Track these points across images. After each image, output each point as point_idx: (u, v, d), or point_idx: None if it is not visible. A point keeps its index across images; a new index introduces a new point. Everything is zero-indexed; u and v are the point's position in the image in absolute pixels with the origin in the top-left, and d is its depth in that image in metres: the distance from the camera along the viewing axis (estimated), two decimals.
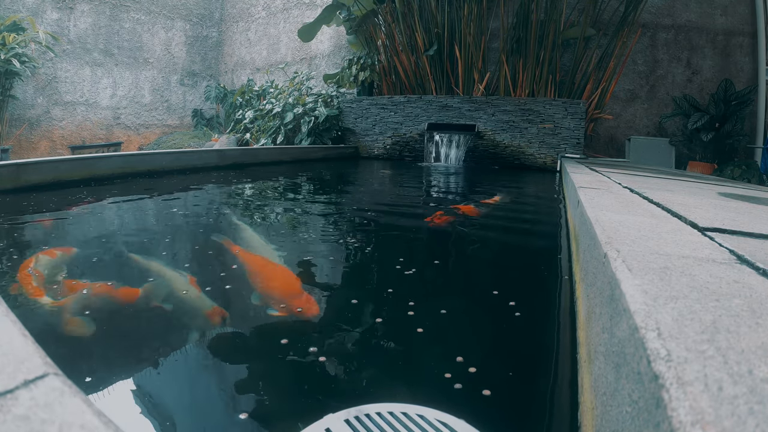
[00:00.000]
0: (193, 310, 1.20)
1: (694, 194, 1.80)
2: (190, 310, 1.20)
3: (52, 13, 8.93)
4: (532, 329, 1.17)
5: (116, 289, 1.30)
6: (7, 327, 0.46)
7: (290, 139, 6.86)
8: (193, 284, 1.34)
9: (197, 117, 11.08)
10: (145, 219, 2.41)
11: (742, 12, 6.31)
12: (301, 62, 9.90)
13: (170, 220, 2.34)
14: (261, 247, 1.84)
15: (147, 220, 2.37)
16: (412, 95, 6.86)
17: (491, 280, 1.64)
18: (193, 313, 1.18)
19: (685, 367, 0.36)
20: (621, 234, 0.86)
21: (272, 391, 0.86)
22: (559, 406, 0.82)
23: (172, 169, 4.08)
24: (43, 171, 3.04)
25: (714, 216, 1.18)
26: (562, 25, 6.29)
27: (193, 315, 1.17)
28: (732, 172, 5.48)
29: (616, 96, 6.66)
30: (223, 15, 11.78)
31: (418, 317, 1.19)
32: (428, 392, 0.83)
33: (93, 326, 1.07)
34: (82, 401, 0.34)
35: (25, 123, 8.72)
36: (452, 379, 0.87)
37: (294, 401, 0.82)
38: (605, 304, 0.65)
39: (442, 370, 0.90)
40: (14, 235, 1.94)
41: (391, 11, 7.02)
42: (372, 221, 2.55)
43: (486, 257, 1.96)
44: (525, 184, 4.82)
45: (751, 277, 0.63)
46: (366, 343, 1.07)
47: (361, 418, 0.70)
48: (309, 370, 0.90)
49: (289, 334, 1.07)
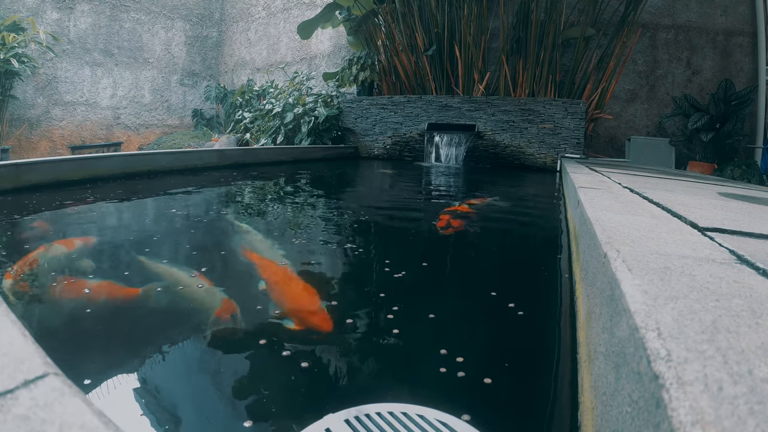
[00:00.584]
0: (203, 307, 1.20)
1: (694, 194, 1.80)
2: (198, 307, 1.20)
3: (52, 13, 8.93)
4: (532, 329, 1.17)
5: (120, 287, 1.30)
6: (7, 327, 0.46)
7: (290, 139, 6.86)
8: (203, 278, 1.35)
9: (197, 117, 11.09)
10: (144, 219, 2.41)
11: (742, 12, 6.31)
12: (301, 62, 9.90)
13: (169, 221, 2.34)
14: (266, 249, 1.84)
15: (145, 221, 2.37)
16: (412, 95, 6.86)
17: (491, 280, 1.64)
18: (202, 310, 1.18)
19: (685, 367, 0.36)
20: (621, 234, 0.86)
21: (273, 390, 0.86)
22: (559, 406, 0.82)
23: (172, 169, 4.08)
24: (43, 171, 3.04)
25: (714, 216, 1.18)
26: (562, 25, 6.29)
27: (202, 311, 1.18)
28: (732, 172, 5.48)
29: (616, 96, 6.66)
30: (223, 15, 11.78)
31: (417, 317, 1.19)
32: (428, 392, 0.83)
33: (95, 323, 1.07)
34: (82, 401, 0.34)
35: (25, 123, 8.72)
36: (452, 379, 0.87)
37: (294, 401, 0.82)
38: (605, 304, 0.65)
39: (443, 370, 0.90)
40: (15, 235, 1.94)
41: (391, 11, 7.02)
42: (371, 222, 2.55)
43: (485, 257, 1.96)
44: (525, 183, 4.82)
45: (751, 277, 0.63)
46: (366, 343, 1.07)
47: (361, 418, 0.70)
48: (310, 370, 0.90)
49: (292, 336, 1.07)
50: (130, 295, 1.26)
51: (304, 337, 1.06)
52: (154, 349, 0.99)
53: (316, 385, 0.86)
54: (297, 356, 0.95)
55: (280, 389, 0.86)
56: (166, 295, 1.27)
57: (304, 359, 0.93)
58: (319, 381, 0.87)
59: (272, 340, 1.02)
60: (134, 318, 1.16)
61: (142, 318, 1.16)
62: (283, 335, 1.05)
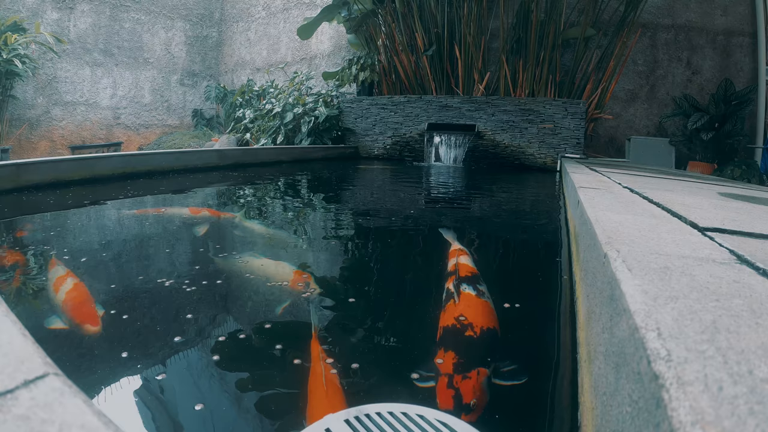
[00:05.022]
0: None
1: (694, 194, 1.80)
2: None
3: (52, 13, 8.93)
4: (533, 329, 1.17)
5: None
6: (7, 327, 0.46)
7: (290, 139, 6.86)
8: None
9: (197, 117, 11.08)
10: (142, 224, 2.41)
11: (742, 12, 6.31)
12: (301, 62, 9.90)
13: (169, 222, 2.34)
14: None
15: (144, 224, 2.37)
16: (412, 95, 6.85)
17: (491, 280, 1.64)
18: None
19: (685, 367, 0.36)
20: (621, 234, 0.86)
21: (274, 390, 0.86)
22: (559, 406, 0.82)
23: (172, 169, 4.08)
24: (43, 171, 3.04)
25: (714, 216, 1.18)
26: (562, 25, 6.29)
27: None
28: (732, 172, 5.48)
29: (616, 96, 6.66)
30: (223, 15, 11.77)
31: (416, 317, 1.19)
32: (428, 392, 0.83)
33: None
34: (83, 401, 0.34)
35: (25, 123, 8.72)
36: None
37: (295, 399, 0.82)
38: (605, 304, 0.65)
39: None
40: (14, 235, 1.94)
41: (391, 11, 7.02)
42: (371, 223, 2.55)
43: (485, 258, 1.96)
44: (525, 183, 4.81)
45: (751, 277, 0.63)
46: (367, 343, 1.07)
47: (361, 418, 0.70)
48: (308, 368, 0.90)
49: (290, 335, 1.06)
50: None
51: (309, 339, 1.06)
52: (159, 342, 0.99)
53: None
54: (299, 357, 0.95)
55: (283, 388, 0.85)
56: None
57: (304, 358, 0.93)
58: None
59: (270, 343, 1.02)
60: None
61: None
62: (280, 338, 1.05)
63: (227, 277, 1.47)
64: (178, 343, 1.01)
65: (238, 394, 0.84)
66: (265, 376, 0.91)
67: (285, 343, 1.02)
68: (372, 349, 1.04)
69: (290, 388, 0.86)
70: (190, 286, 1.33)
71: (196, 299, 1.25)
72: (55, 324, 1.06)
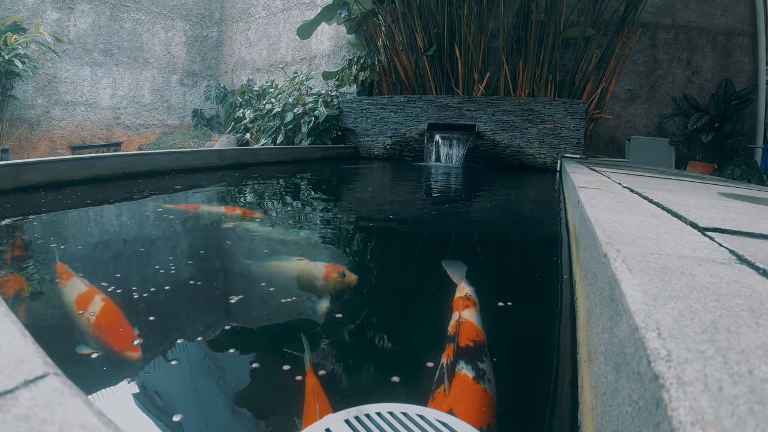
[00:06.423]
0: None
1: (694, 194, 1.80)
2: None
3: (52, 13, 8.92)
4: (533, 329, 1.17)
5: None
6: (7, 327, 0.46)
7: (290, 139, 6.86)
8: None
9: (197, 117, 11.08)
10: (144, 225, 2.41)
11: (742, 12, 6.31)
12: (301, 62, 9.90)
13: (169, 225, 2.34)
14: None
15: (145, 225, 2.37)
16: (412, 95, 6.85)
17: (491, 279, 1.64)
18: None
19: (685, 367, 0.36)
20: (621, 234, 0.86)
21: (275, 388, 0.86)
22: (559, 406, 0.82)
23: (172, 169, 4.08)
24: (43, 171, 3.04)
25: (714, 216, 1.18)
26: (562, 25, 6.28)
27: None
28: (732, 172, 5.48)
29: (616, 96, 6.66)
30: (223, 15, 11.77)
31: (416, 317, 1.19)
32: (428, 392, 0.83)
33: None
34: (83, 401, 0.34)
35: (25, 123, 8.72)
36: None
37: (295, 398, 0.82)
38: (605, 304, 0.65)
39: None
40: (16, 234, 1.94)
41: (391, 11, 7.02)
42: (371, 224, 2.54)
43: (485, 257, 1.96)
44: (524, 183, 4.81)
45: (751, 277, 0.63)
46: (367, 343, 1.07)
47: (361, 418, 0.70)
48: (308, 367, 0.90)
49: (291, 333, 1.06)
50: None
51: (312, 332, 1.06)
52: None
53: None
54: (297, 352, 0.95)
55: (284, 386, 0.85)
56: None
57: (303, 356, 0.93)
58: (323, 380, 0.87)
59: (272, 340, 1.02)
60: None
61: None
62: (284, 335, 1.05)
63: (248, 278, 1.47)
64: (179, 341, 1.01)
65: (241, 394, 0.85)
66: (265, 376, 0.91)
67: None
68: (375, 349, 1.03)
69: (290, 390, 0.86)
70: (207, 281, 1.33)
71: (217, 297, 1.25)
72: (83, 350, 0.97)
